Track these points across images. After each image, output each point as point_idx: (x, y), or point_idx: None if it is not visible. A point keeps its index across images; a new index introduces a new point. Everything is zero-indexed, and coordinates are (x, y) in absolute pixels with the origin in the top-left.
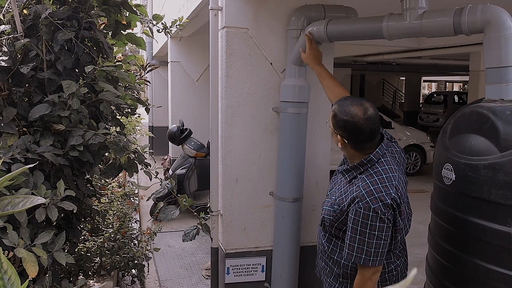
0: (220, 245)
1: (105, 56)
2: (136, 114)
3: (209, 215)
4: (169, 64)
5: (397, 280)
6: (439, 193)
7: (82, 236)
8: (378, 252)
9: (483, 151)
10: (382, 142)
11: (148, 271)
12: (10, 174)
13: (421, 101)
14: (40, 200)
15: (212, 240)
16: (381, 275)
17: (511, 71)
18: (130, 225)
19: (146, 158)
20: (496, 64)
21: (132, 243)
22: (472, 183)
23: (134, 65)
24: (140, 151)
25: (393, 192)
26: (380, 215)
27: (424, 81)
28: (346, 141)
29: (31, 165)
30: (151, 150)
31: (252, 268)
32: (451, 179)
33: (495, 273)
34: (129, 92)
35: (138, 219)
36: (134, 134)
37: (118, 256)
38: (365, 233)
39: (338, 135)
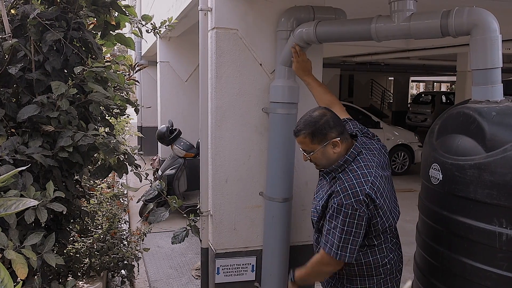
0: (210, 245)
1: (94, 56)
2: (125, 114)
3: (198, 217)
4: (158, 64)
5: (392, 273)
6: (427, 192)
7: (71, 237)
8: (341, 246)
9: (470, 151)
10: (356, 141)
11: (138, 272)
12: (1, 177)
13: (409, 101)
14: (32, 202)
15: (201, 241)
16: (376, 268)
17: (497, 72)
18: (119, 226)
19: (136, 160)
20: (482, 66)
21: (122, 244)
22: (458, 182)
23: (123, 64)
24: (131, 152)
25: (367, 187)
26: (352, 211)
27: (412, 81)
28: (339, 138)
29: (23, 168)
30: (140, 152)
31: (242, 268)
32: (438, 179)
33: (481, 271)
34: (119, 93)
35: (128, 220)
36: (123, 134)
37: (107, 257)
38: (336, 226)
39: (330, 143)
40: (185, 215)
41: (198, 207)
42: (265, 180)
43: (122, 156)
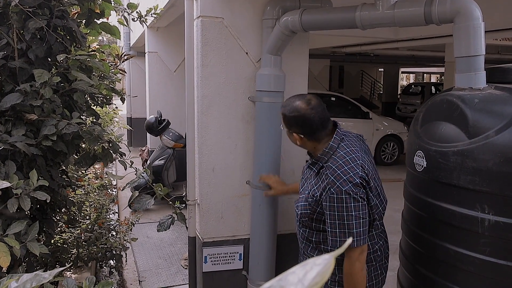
0: (197, 234)
1: (78, 45)
2: (112, 104)
3: (184, 204)
4: (146, 54)
5: (382, 260)
6: (412, 180)
7: (59, 227)
8: (360, 231)
9: (453, 138)
10: (336, 129)
11: (126, 262)
12: None
13: (399, 92)
14: (5, 184)
15: (188, 229)
16: (367, 255)
17: (480, 60)
18: (108, 216)
19: (121, 148)
20: (465, 53)
21: (110, 234)
22: (442, 169)
23: (109, 54)
24: (115, 140)
25: (359, 170)
26: (353, 195)
27: (402, 72)
28: (302, 136)
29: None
30: (126, 140)
31: (229, 256)
32: (422, 166)
33: (465, 256)
34: (106, 82)
35: (117, 211)
36: (112, 126)
37: (95, 247)
38: (343, 216)
39: (293, 134)
40: (170, 202)
41: (184, 194)
42: (252, 169)
43: (107, 144)
